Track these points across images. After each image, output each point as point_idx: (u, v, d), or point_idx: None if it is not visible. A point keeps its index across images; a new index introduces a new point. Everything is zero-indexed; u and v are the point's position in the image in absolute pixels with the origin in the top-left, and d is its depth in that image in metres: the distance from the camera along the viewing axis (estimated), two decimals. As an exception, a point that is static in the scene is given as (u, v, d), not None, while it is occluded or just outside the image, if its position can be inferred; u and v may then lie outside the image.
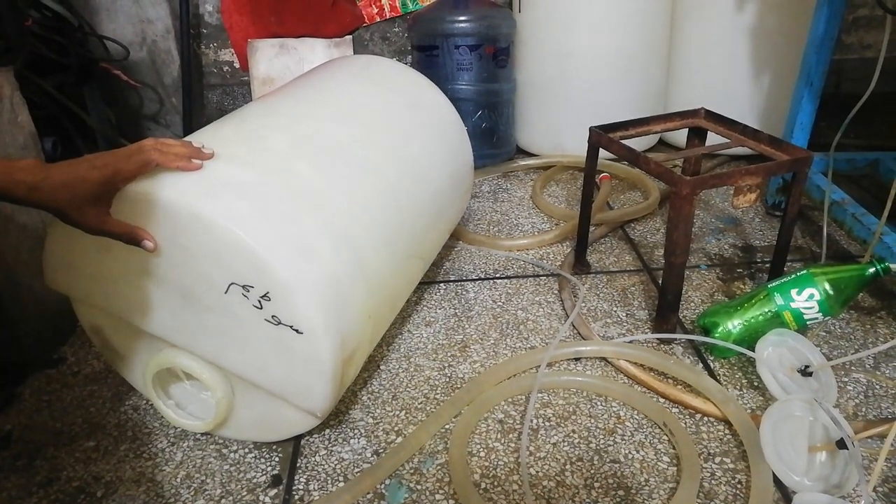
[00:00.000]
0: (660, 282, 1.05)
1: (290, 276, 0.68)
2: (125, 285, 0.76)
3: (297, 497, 0.77)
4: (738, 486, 0.76)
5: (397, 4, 1.82)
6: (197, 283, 0.71)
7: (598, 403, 0.89)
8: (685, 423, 0.85)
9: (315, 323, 0.69)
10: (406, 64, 1.91)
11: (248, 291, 0.69)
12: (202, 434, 0.86)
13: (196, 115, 1.82)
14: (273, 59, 1.77)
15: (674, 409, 0.88)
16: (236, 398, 0.80)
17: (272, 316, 0.69)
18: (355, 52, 1.80)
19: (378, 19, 1.85)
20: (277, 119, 0.90)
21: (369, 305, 0.80)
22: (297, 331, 0.69)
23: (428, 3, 1.81)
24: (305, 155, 0.83)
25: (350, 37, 1.80)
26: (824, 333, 1.01)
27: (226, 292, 0.70)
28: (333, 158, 0.86)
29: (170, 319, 0.75)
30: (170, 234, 0.69)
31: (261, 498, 0.77)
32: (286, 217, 0.73)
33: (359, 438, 0.85)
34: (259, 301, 0.69)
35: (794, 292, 0.93)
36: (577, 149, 1.33)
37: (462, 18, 1.54)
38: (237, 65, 1.86)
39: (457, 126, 1.12)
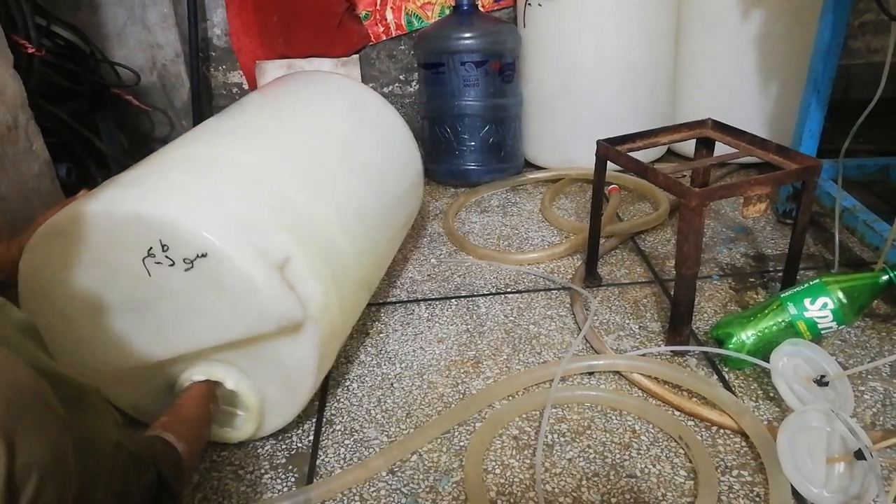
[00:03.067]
0: (672, 293, 1.05)
1: (167, 210, 0.70)
2: (99, 335, 0.78)
3: (313, 518, 0.77)
4: (757, 499, 0.76)
5: (403, 23, 1.85)
6: (129, 285, 0.73)
7: (613, 417, 0.89)
8: (701, 436, 0.85)
9: (209, 239, 0.70)
10: (412, 82, 1.94)
11: (155, 254, 0.71)
12: (217, 455, 0.87)
13: (207, 136, 1.85)
14: (281, 79, 1.79)
15: (689, 422, 0.87)
16: (252, 382, 0.82)
17: (184, 261, 0.71)
18: (362, 71, 1.83)
19: (384, 38, 1.87)
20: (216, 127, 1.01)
21: (305, 231, 0.82)
22: (202, 255, 0.70)
23: (433, 20, 1.83)
24: (222, 142, 0.92)
25: (357, 56, 1.82)
26: (839, 342, 1.00)
27: (149, 275, 0.72)
28: (259, 141, 0.94)
29: (146, 339, 0.77)
30: (94, 254, 0.73)
31: (278, 519, 0.77)
32: (176, 182, 0.78)
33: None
34: (166, 257, 0.71)
35: (807, 301, 0.92)
36: (585, 161, 1.34)
37: (467, 35, 1.55)
38: (246, 86, 1.89)
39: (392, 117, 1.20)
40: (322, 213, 0.88)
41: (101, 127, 1.51)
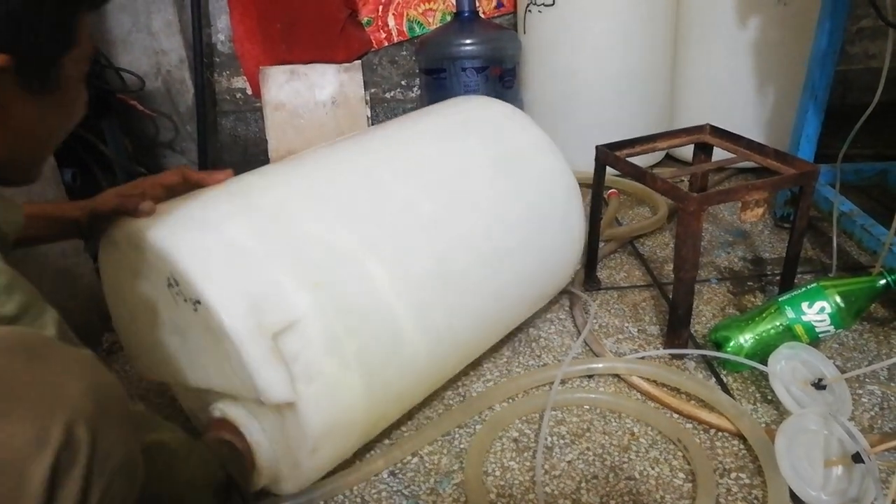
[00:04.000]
0: (670, 297, 1.06)
1: (175, 247, 0.65)
2: (154, 345, 0.77)
3: (315, 519, 0.78)
4: (755, 501, 0.76)
5: (405, 29, 1.86)
6: (168, 308, 0.71)
7: (612, 420, 0.90)
8: (699, 439, 0.85)
9: (201, 286, 0.63)
10: (414, 87, 1.95)
11: (173, 285, 0.66)
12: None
13: (210, 141, 1.86)
14: (284, 84, 1.81)
15: (688, 425, 0.88)
16: (267, 440, 0.74)
17: (190, 301, 0.65)
18: (364, 77, 1.84)
19: (386, 44, 1.88)
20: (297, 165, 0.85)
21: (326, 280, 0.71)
22: (197, 301, 0.64)
23: (435, 27, 1.85)
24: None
25: (359, 61, 1.84)
26: (837, 346, 1.01)
27: (176, 304, 0.68)
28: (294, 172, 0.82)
29: (185, 363, 0.75)
30: (141, 270, 0.71)
31: (280, 520, 0.78)
32: (208, 219, 0.70)
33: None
34: (178, 292, 0.66)
35: (804, 305, 0.93)
36: (584, 166, 1.34)
37: (468, 41, 1.57)
38: (250, 91, 1.90)
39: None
40: (378, 275, 0.74)
41: (106, 132, 1.53)
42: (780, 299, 0.95)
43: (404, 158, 0.87)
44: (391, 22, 1.85)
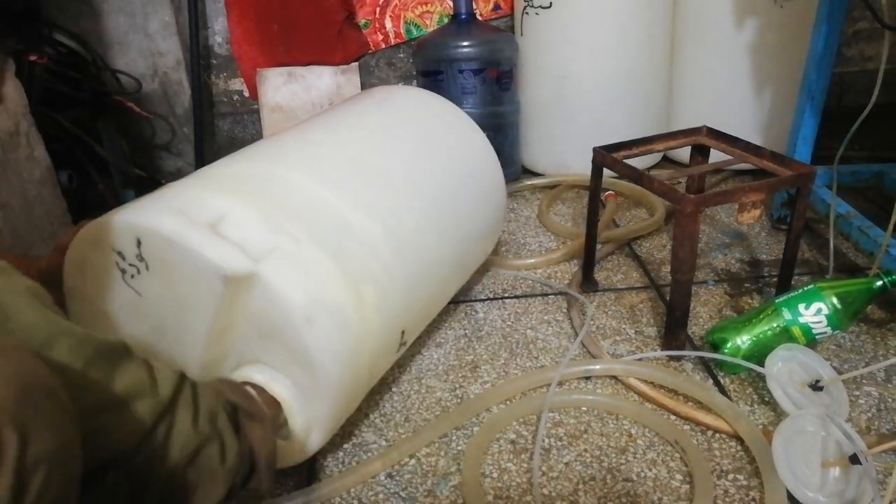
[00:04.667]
0: (668, 298, 1.06)
1: (104, 217, 0.70)
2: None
3: (312, 521, 0.78)
4: (752, 502, 0.76)
5: (402, 31, 1.86)
6: (134, 309, 0.72)
7: (610, 422, 0.90)
8: (697, 441, 0.85)
9: (133, 223, 0.69)
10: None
11: (124, 269, 0.70)
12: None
13: (207, 143, 1.86)
14: (281, 87, 1.81)
15: (685, 427, 0.88)
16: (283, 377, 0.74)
17: (137, 258, 0.69)
18: (361, 79, 1.84)
19: (383, 46, 1.88)
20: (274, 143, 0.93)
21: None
22: (139, 244, 0.69)
23: (432, 29, 1.85)
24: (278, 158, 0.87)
25: (356, 64, 1.84)
26: (834, 347, 1.01)
27: (140, 295, 0.71)
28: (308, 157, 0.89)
29: (182, 341, 0.75)
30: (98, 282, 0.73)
31: (276, 523, 0.78)
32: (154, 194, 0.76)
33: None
34: (129, 265, 0.69)
35: (801, 307, 0.93)
36: (581, 168, 1.35)
37: (466, 44, 1.57)
38: (247, 93, 1.90)
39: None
40: (299, 179, 0.81)
41: (102, 134, 1.53)
42: (777, 301, 0.95)
43: (327, 120, 0.99)
44: (388, 24, 1.85)
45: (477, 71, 1.58)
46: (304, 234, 0.73)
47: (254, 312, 0.70)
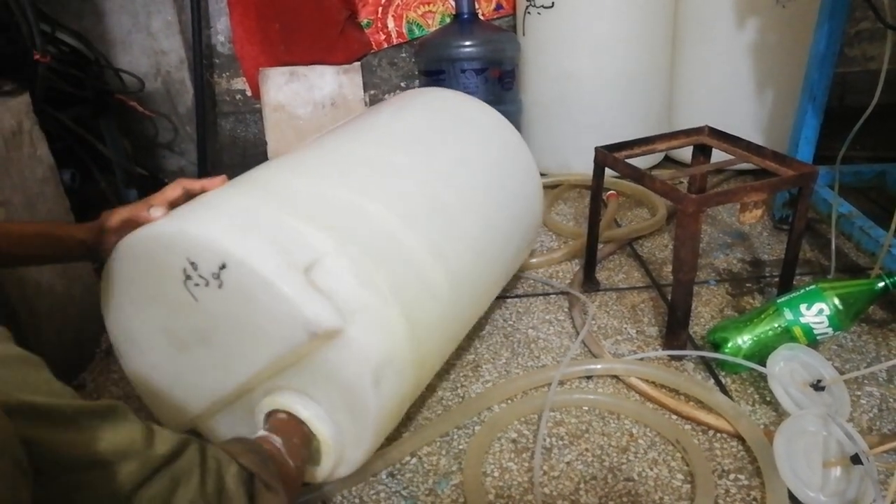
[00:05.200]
0: (669, 298, 1.06)
1: (182, 227, 0.67)
2: (190, 376, 0.76)
3: (313, 520, 0.78)
4: (753, 502, 0.76)
5: (404, 31, 1.86)
6: (187, 315, 0.70)
7: (611, 421, 0.90)
8: (698, 440, 0.85)
9: (223, 246, 0.64)
10: (414, 89, 1.95)
11: (191, 275, 0.67)
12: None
13: (210, 142, 1.86)
14: (283, 86, 1.81)
15: (686, 426, 0.88)
16: (323, 410, 0.73)
17: (212, 276, 0.65)
18: (364, 78, 1.84)
19: (385, 45, 1.89)
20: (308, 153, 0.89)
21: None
22: (222, 267, 0.65)
23: (434, 28, 1.85)
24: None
25: (358, 63, 1.84)
26: (836, 347, 1.01)
27: (196, 300, 0.68)
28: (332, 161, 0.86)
29: (218, 370, 0.73)
30: (146, 284, 0.71)
31: (278, 521, 0.78)
32: (210, 202, 0.73)
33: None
34: (200, 277, 0.66)
35: (803, 307, 0.93)
36: (583, 167, 1.35)
37: (468, 43, 1.57)
38: (249, 93, 1.90)
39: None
40: (380, 213, 0.78)
41: (105, 132, 1.53)
42: (778, 301, 0.95)
43: (386, 134, 0.96)
44: (390, 24, 1.86)
45: (479, 70, 1.58)
46: (389, 290, 0.72)
47: (326, 360, 0.68)
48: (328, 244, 0.70)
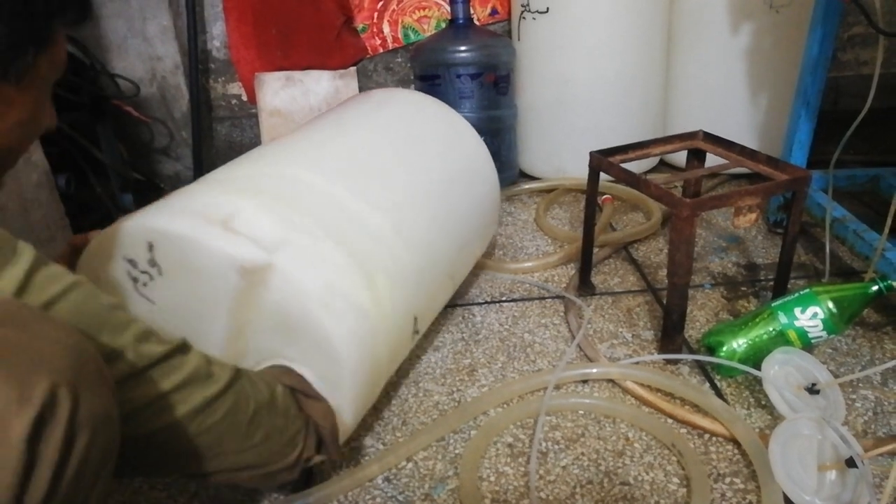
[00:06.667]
0: (664, 302, 1.06)
1: (108, 229, 0.70)
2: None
3: (309, 525, 0.78)
4: (749, 506, 0.76)
5: (400, 36, 1.87)
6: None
7: (607, 425, 0.90)
8: (694, 444, 0.85)
9: (146, 227, 0.69)
10: (409, 92, 1.95)
11: (136, 277, 0.70)
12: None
13: (205, 147, 1.86)
14: (280, 91, 1.81)
15: (682, 430, 0.88)
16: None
17: (149, 263, 0.69)
18: (360, 83, 1.85)
19: (381, 50, 1.89)
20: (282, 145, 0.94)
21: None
22: (151, 248, 0.69)
23: (429, 34, 1.85)
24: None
25: (354, 68, 1.84)
26: (831, 350, 1.02)
27: (154, 303, 0.71)
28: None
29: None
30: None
31: (273, 527, 0.78)
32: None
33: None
34: (142, 273, 0.70)
35: (797, 311, 0.93)
36: (578, 172, 1.36)
37: (463, 48, 1.57)
38: (245, 98, 1.90)
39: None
40: (311, 178, 0.83)
41: (100, 137, 1.53)
42: (773, 304, 0.96)
43: (332, 121, 1.02)
44: (386, 29, 1.86)
45: (474, 75, 1.59)
46: (316, 228, 0.76)
47: (271, 306, 0.70)
48: (245, 201, 0.73)
